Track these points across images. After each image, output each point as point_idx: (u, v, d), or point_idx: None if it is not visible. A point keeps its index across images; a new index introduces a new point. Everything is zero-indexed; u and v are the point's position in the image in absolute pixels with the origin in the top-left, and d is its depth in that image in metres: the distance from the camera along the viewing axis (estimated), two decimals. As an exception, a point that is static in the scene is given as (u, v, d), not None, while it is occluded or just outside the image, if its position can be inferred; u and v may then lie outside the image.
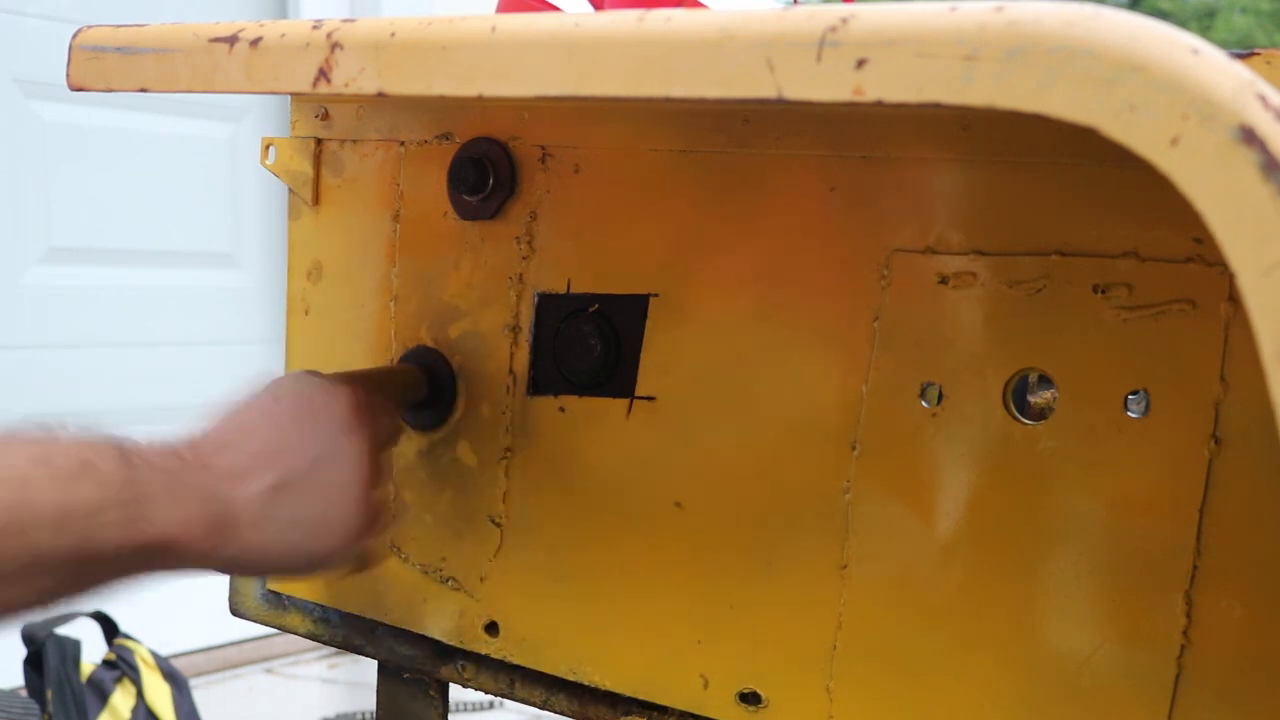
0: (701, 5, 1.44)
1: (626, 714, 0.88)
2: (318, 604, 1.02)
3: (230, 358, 3.03)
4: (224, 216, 3.10)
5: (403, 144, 0.94)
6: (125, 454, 0.71)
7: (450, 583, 0.94)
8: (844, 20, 0.53)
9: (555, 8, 1.58)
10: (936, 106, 0.51)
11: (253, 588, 1.05)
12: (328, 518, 0.80)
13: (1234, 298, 0.67)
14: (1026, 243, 0.72)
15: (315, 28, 0.69)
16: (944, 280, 0.75)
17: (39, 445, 0.68)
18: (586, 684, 0.89)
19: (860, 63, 0.52)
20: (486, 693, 0.96)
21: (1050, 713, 0.73)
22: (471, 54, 0.63)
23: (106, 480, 0.69)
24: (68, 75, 0.82)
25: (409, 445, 0.95)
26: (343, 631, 1.02)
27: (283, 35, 0.71)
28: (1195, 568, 0.68)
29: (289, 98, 0.97)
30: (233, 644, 3.03)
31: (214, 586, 1.13)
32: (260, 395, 0.81)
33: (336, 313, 0.99)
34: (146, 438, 0.75)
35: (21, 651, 2.10)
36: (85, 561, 0.68)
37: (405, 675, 1.02)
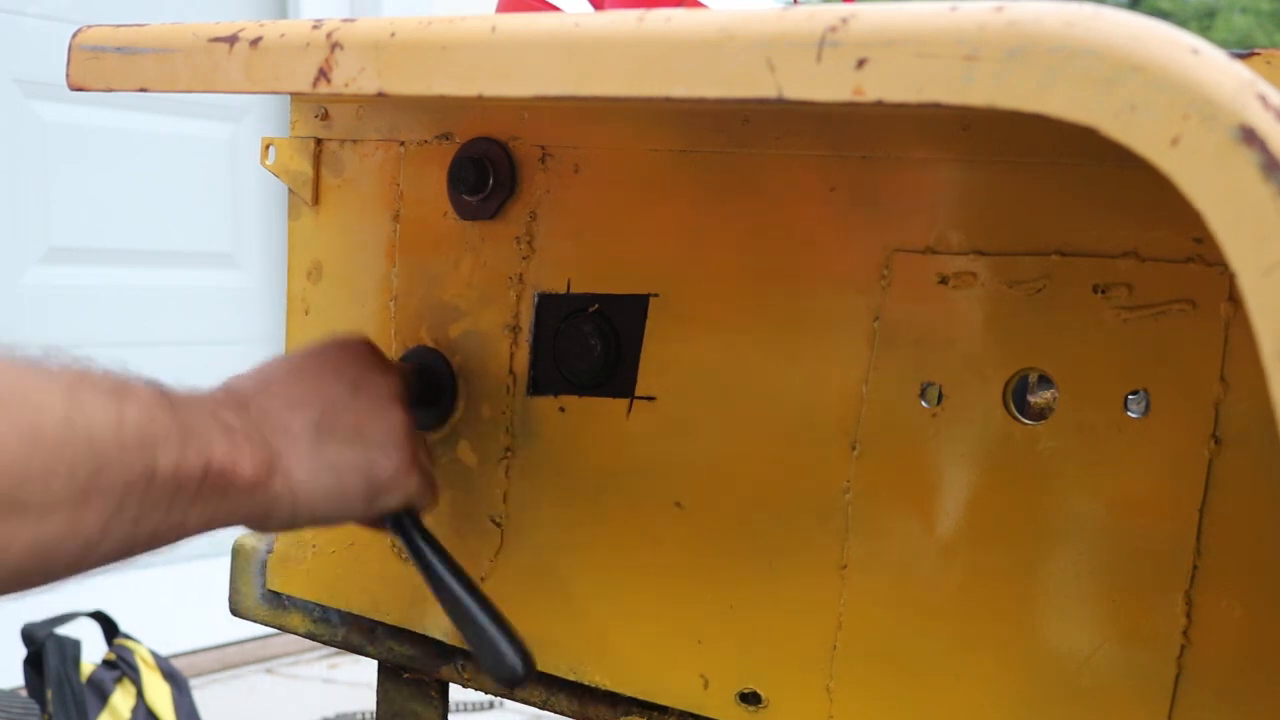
0: (701, 5, 1.44)
1: (626, 714, 0.88)
2: (318, 604, 1.02)
3: (230, 358, 3.02)
4: (224, 216, 3.10)
5: (403, 144, 0.94)
6: (160, 386, 0.70)
7: (450, 583, 0.94)
8: (844, 20, 0.53)
9: (555, 8, 1.58)
10: (936, 106, 0.51)
11: (253, 588, 1.05)
12: (379, 437, 0.79)
13: (1234, 298, 0.67)
14: (1026, 243, 0.72)
15: (315, 28, 0.69)
16: (944, 280, 0.75)
17: (74, 370, 0.66)
18: (586, 684, 0.89)
19: (860, 63, 0.52)
20: (486, 693, 0.95)
21: (1050, 713, 0.73)
22: (471, 54, 0.63)
23: (150, 403, 0.67)
24: (68, 75, 0.82)
25: (409, 445, 0.95)
26: (343, 631, 1.02)
27: (283, 35, 0.71)
28: (1195, 568, 0.68)
29: (289, 98, 0.97)
30: (233, 644, 3.03)
31: (214, 586, 1.13)
32: (273, 360, 0.81)
33: (336, 313, 0.99)
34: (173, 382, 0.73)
35: (21, 651, 2.10)
36: (147, 481, 0.65)
37: (405, 675, 1.02)
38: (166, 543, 0.69)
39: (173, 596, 2.85)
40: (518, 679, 0.82)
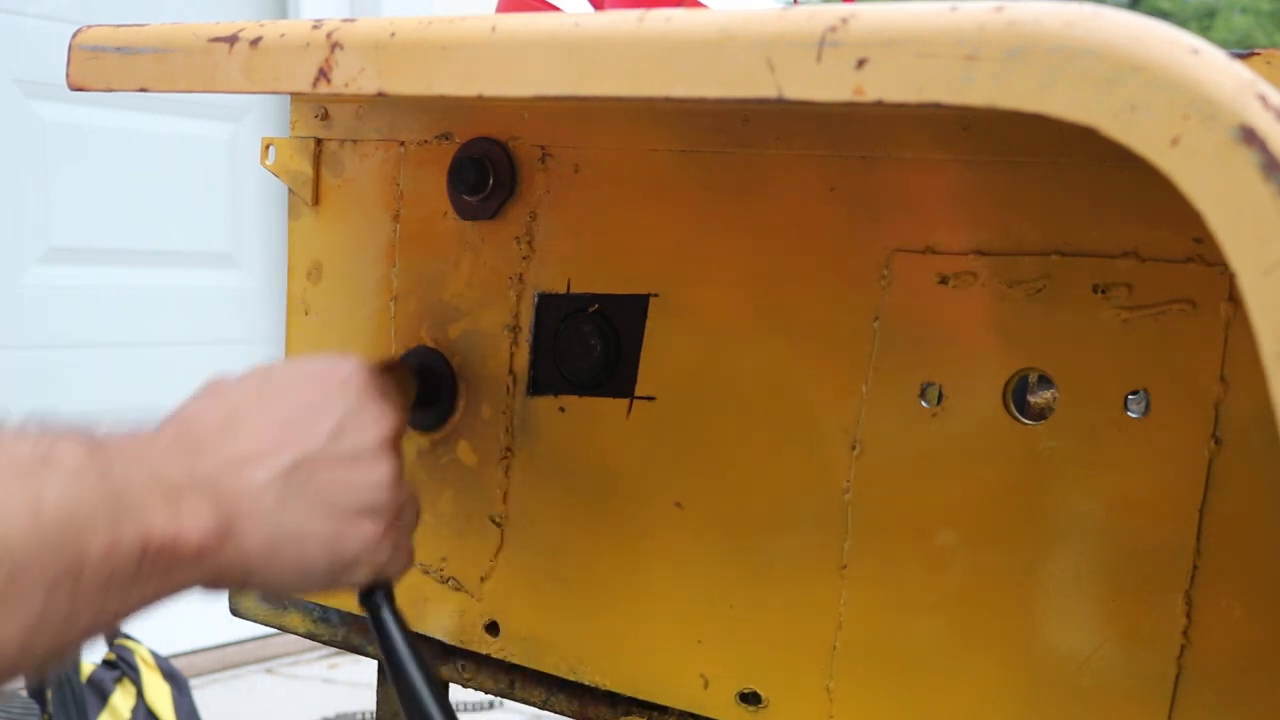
0: (701, 5, 1.44)
1: (626, 714, 0.88)
2: (318, 604, 1.02)
3: (230, 358, 3.03)
4: (224, 216, 3.10)
5: (403, 144, 0.94)
6: (93, 445, 0.60)
7: (451, 582, 0.94)
8: (844, 20, 0.53)
9: (555, 8, 1.58)
10: (936, 106, 0.51)
11: (253, 588, 1.05)
12: (356, 501, 0.69)
13: (1234, 298, 0.67)
14: (1026, 243, 0.72)
15: (315, 28, 0.69)
16: (944, 280, 0.75)
17: None
18: (586, 684, 0.89)
19: (860, 63, 0.52)
20: (486, 693, 0.95)
21: (1050, 712, 0.73)
22: (471, 54, 0.63)
23: (77, 473, 0.58)
24: (68, 75, 0.82)
25: (409, 445, 0.95)
26: (343, 631, 1.02)
27: (283, 35, 0.71)
28: (1195, 568, 0.68)
29: (289, 98, 0.97)
30: (233, 644, 3.03)
31: (214, 586, 1.13)
32: (250, 375, 0.71)
33: (336, 313, 0.99)
34: (118, 425, 0.64)
35: (21, 651, 2.10)
36: (75, 576, 0.57)
37: (405, 675, 1.02)
38: (104, 631, 0.61)
39: (173, 596, 2.84)
40: None
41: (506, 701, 0.96)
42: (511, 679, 0.94)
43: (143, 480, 0.61)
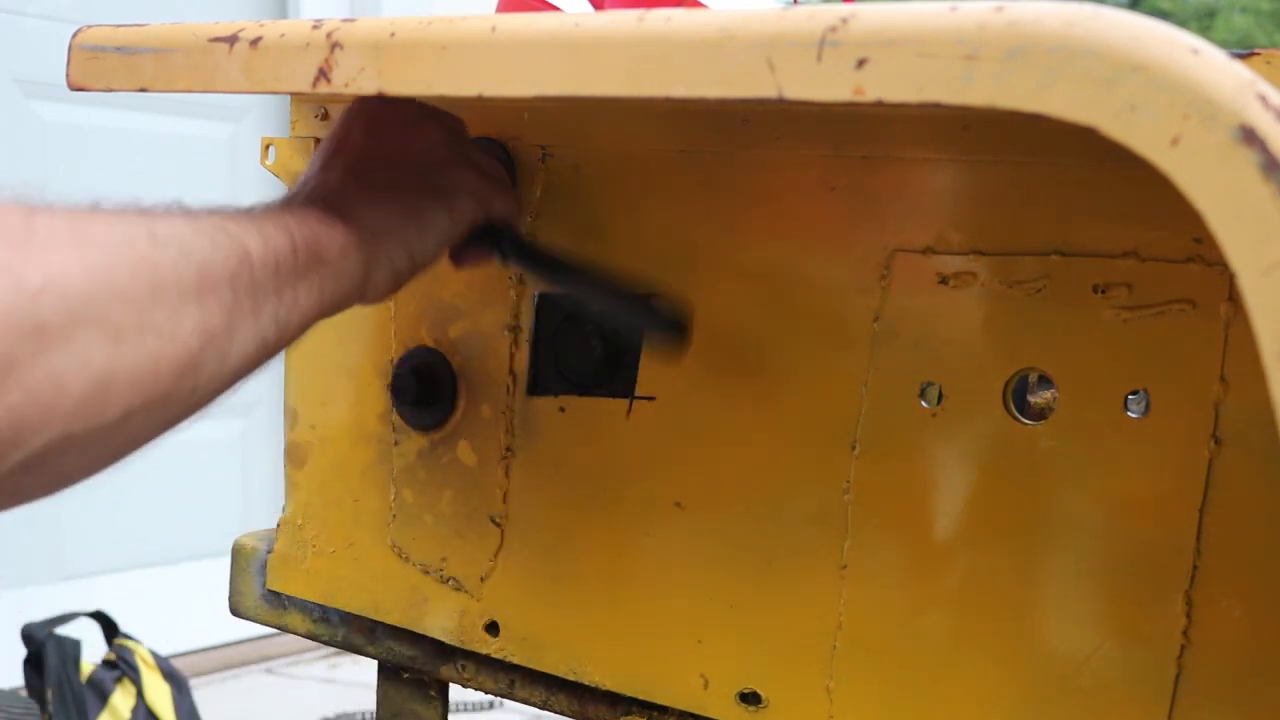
0: (701, 5, 1.43)
1: (626, 714, 0.88)
2: (318, 604, 1.02)
3: (230, 358, 3.03)
4: (224, 216, 3.09)
5: (403, 144, 0.94)
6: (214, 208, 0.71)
7: (450, 583, 0.94)
8: (844, 20, 0.53)
9: (555, 8, 1.58)
10: (936, 106, 0.51)
11: (253, 588, 1.05)
12: (419, 166, 0.79)
13: (1234, 298, 0.67)
14: (1026, 243, 0.72)
15: (315, 28, 0.69)
16: (944, 280, 0.75)
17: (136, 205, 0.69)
18: (586, 684, 0.89)
19: (860, 62, 0.52)
20: (486, 693, 0.96)
21: (1050, 712, 0.73)
22: (471, 54, 0.63)
23: (212, 209, 0.69)
24: (68, 75, 0.82)
25: (409, 445, 0.95)
26: (343, 631, 1.02)
27: (283, 35, 0.71)
28: (1195, 568, 0.68)
29: (289, 98, 0.97)
30: (233, 644, 3.03)
31: (214, 586, 1.13)
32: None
33: (336, 313, 0.99)
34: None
35: (21, 651, 2.11)
36: (248, 268, 0.67)
37: (405, 675, 1.02)
38: (293, 329, 0.70)
39: (173, 596, 2.85)
40: (681, 331, 0.82)
41: (506, 701, 0.97)
42: (511, 679, 0.94)
43: (266, 210, 0.72)
